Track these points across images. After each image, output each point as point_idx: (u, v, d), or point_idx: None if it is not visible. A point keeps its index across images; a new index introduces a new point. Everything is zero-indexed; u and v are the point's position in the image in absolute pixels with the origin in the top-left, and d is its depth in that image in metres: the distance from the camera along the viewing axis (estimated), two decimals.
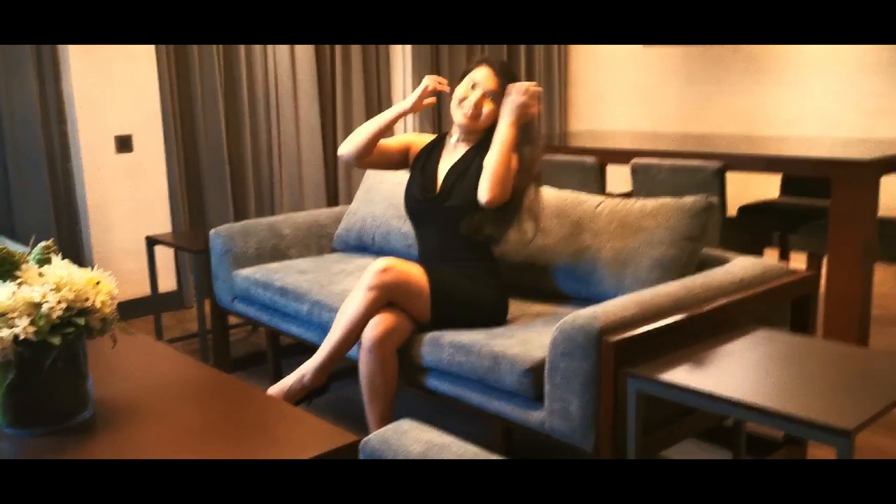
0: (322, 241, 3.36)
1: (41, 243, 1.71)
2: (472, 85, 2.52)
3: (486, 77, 2.51)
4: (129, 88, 4.03)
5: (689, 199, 2.45)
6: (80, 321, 1.63)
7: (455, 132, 2.61)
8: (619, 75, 5.85)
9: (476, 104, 2.50)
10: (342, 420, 2.73)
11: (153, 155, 4.15)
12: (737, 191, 3.97)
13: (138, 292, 4.06)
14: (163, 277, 4.06)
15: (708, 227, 2.46)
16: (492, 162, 2.39)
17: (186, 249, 3.48)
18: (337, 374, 2.48)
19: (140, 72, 4.05)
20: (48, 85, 3.79)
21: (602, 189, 3.77)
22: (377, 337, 2.31)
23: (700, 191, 3.26)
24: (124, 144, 4.04)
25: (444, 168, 2.60)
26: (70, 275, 1.65)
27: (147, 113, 4.10)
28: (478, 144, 2.55)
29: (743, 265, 2.38)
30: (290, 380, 2.39)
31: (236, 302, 3.14)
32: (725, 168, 3.29)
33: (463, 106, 2.52)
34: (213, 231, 3.20)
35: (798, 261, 4.29)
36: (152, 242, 3.67)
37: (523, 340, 2.20)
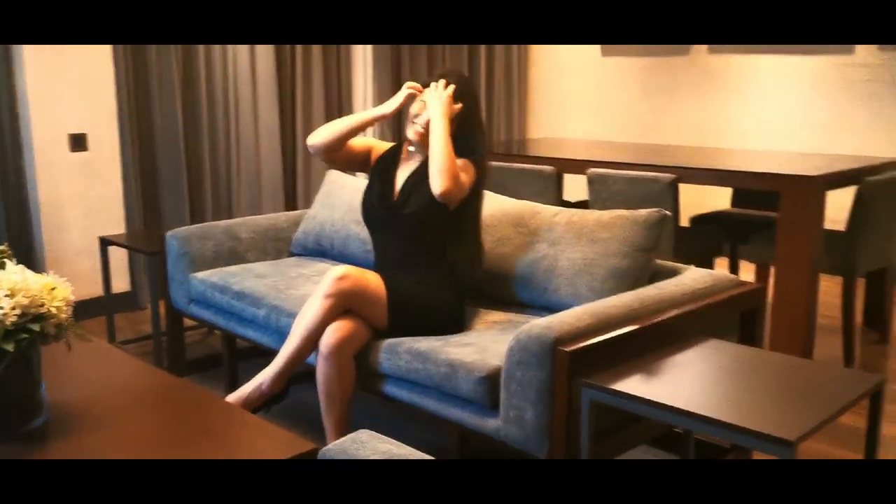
0: (280, 245, 3.35)
1: None
2: (425, 103, 2.55)
3: None
4: (85, 86, 3.97)
5: (644, 212, 2.50)
6: (35, 327, 1.61)
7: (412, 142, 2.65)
8: (577, 83, 5.93)
9: (426, 124, 2.54)
10: (299, 425, 2.74)
11: (108, 154, 4.09)
12: (690, 200, 4.06)
13: (91, 293, 4.00)
14: (116, 278, 4.01)
15: (661, 239, 2.52)
16: (432, 154, 2.44)
17: (141, 251, 3.45)
18: (294, 378, 2.48)
19: (96, 69, 3.99)
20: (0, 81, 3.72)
21: (559, 197, 3.84)
22: (334, 344, 2.33)
23: (654, 201, 3.34)
24: (78, 143, 3.98)
25: (402, 177, 2.63)
26: (25, 280, 1.63)
27: (102, 111, 4.04)
28: None
29: (694, 277, 2.44)
30: (249, 388, 2.39)
31: (192, 305, 3.12)
32: (679, 180, 3.38)
33: (415, 123, 2.57)
34: (170, 233, 3.17)
35: (747, 270, 4.41)
36: (106, 243, 3.62)
37: (480, 349, 2.23)
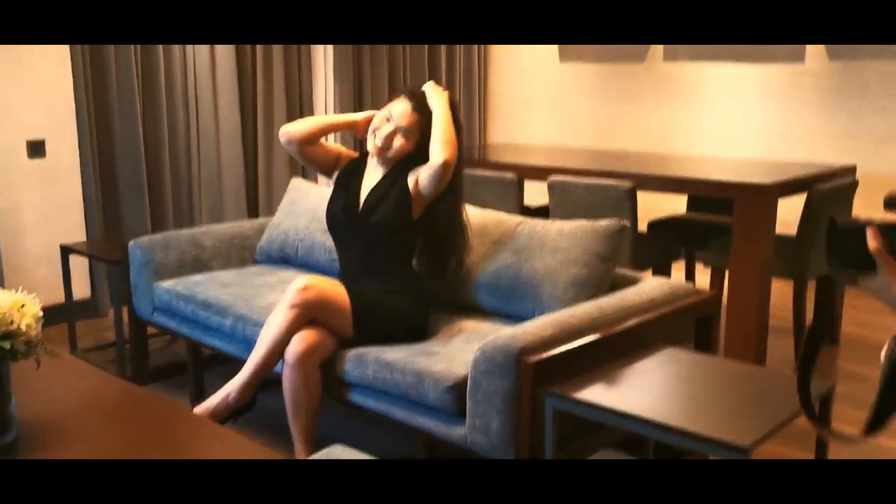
0: (244, 253, 3.36)
1: None
2: (388, 118, 2.59)
3: (403, 113, 2.58)
4: (42, 91, 3.92)
5: (604, 223, 2.57)
6: (6, 345, 1.62)
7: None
8: (536, 88, 6.00)
9: (387, 137, 2.59)
10: (266, 432, 2.76)
11: (67, 160, 4.05)
12: (648, 202, 4.15)
13: (51, 299, 3.95)
14: (76, 285, 3.97)
15: (621, 248, 2.59)
16: (437, 127, 2.53)
17: (103, 260, 3.43)
18: (260, 385, 2.50)
19: (54, 73, 3.94)
20: None
21: (520, 202, 3.90)
22: (300, 353, 2.35)
23: (613, 207, 3.42)
24: (36, 150, 3.94)
25: (367, 188, 2.66)
26: None
27: (61, 116, 4.00)
28: (396, 168, 2.63)
29: (652, 286, 2.52)
30: (216, 399, 2.40)
31: (156, 314, 3.12)
32: (637, 187, 3.46)
33: (375, 136, 2.61)
34: (133, 242, 3.16)
35: (703, 273, 4.52)
36: (67, 251, 3.60)
37: (446, 358, 2.27)
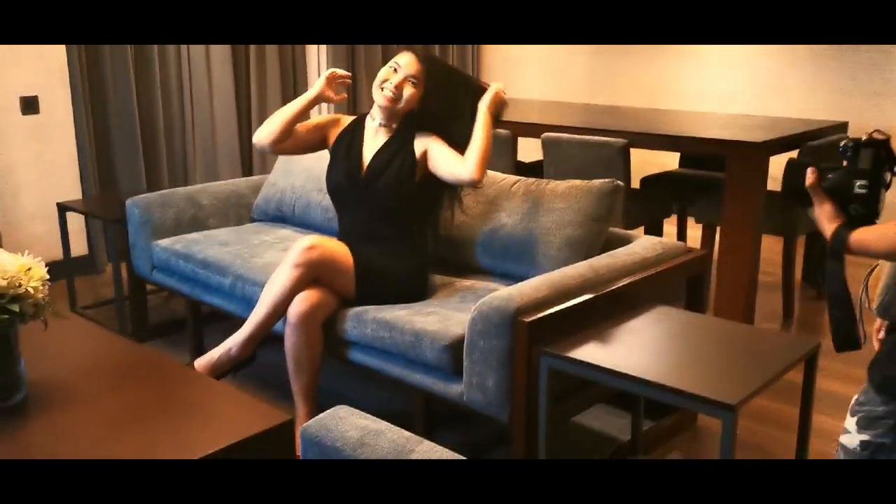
0: (241, 211, 3.39)
1: None
2: (395, 68, 2.58)
3: (409, 62, 2.57)
4: (35, 47, 3.89)
5: (598, 182, 2.60)
6: (14, 307, 1.66)
7: (376, 116, 2.65)
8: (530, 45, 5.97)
9: (397, 86, 2.55)
10: (267, 388, 2.83)
11: (61, 117, 4.05)
12: (641, 158, 4.18)
13: (48, 256, 3.95)
14: (73, 241, 3.99)
15: (614, 209, 2.63)
16: (479, 142, 2.46)
17: (101, 218, 3.45)
18: (260, 341, 2.54)
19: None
20: None
21: (514, 159, 3.92)
22: (303, 313, 2.40)
23: (606, 165, 3.45)
24: (30, 106, 3.93)
25: (369, 152, 2.65)
26: (2, 262, 1.67)
27: (54, 74, 3.98)
28: (400, 132, 2.62)
29: (644, 245, 2.56)
30: (217, 352, 2.45)
31: (155, 272, 3.15)
32: (630, 145, 3.48)
33: (384, 88, 2.58)
34: (131, 201, 3.18)
35: (695, 229, 4.57)
36: (64, 209, 3.61)
37: (443, 317, 2.32)
